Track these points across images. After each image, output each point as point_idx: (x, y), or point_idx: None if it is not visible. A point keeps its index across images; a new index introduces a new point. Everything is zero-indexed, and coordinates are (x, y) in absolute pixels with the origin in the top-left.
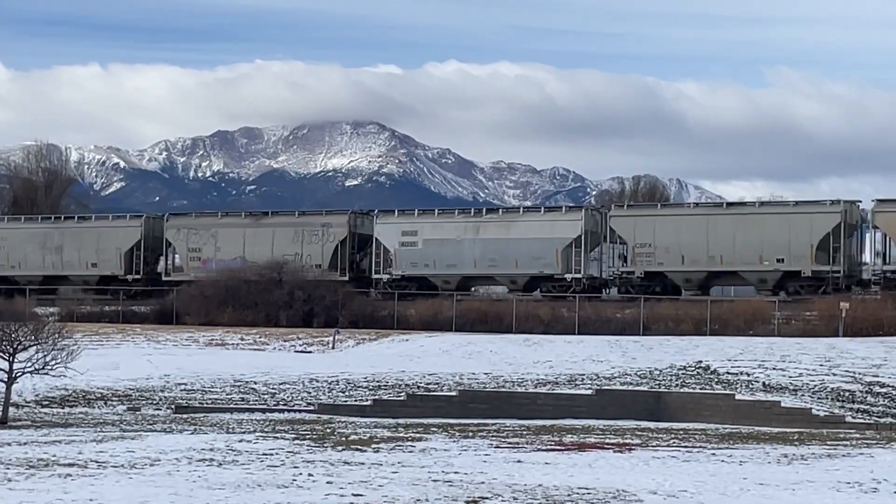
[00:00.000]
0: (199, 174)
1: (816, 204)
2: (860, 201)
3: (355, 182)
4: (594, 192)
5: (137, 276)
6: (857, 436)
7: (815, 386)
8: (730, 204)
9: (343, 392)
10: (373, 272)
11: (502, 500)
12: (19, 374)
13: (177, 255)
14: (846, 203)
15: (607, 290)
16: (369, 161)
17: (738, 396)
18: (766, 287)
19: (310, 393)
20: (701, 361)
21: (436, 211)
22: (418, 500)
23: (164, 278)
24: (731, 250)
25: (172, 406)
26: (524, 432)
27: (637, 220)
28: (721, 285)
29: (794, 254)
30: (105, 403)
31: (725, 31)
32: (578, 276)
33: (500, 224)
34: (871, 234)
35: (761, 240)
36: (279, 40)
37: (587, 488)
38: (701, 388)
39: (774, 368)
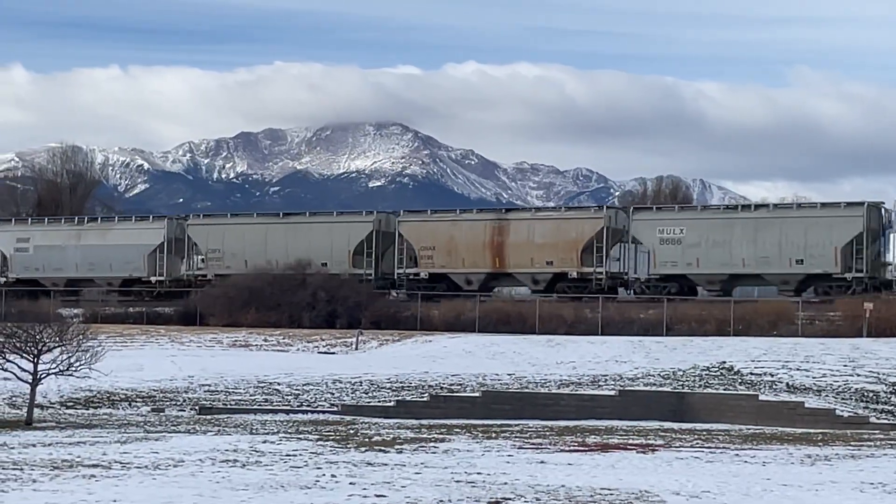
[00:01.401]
0: (223, 175)
1: (354, 214)
2: (396, 212)
3: (379, 183)
4: (618, 193)
5: None
6: (881, 436)
7: (839, 386)
8: (286, 214)
9: (366, 393)
10: None
11: (525, 501)
12: (44, 375)
13: None
14: (379, 214)
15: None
16: (392, 162)
17: (761, 397)
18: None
19: (333, 394)
20: (724, 362)
21: (46, 220)
22: (441, 500)
23: None
24: (285, 255)
25: (196, 407)
26: (547, 433)
27: (210, 228)
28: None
29: (335, 259)
30: (129, 405)
31: (744, 32)
32: (162, 278)
33: (99, 232)
34: (397, 240)
35: (308, 246)
36: (297, 42)
37: (610, 489)
38: (724, 389)
39: (798, 369)
